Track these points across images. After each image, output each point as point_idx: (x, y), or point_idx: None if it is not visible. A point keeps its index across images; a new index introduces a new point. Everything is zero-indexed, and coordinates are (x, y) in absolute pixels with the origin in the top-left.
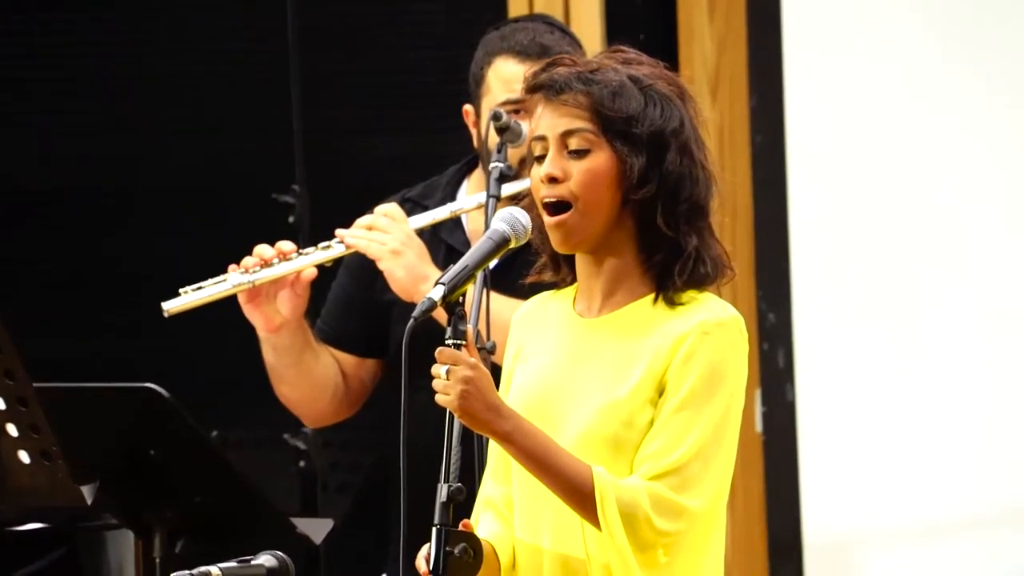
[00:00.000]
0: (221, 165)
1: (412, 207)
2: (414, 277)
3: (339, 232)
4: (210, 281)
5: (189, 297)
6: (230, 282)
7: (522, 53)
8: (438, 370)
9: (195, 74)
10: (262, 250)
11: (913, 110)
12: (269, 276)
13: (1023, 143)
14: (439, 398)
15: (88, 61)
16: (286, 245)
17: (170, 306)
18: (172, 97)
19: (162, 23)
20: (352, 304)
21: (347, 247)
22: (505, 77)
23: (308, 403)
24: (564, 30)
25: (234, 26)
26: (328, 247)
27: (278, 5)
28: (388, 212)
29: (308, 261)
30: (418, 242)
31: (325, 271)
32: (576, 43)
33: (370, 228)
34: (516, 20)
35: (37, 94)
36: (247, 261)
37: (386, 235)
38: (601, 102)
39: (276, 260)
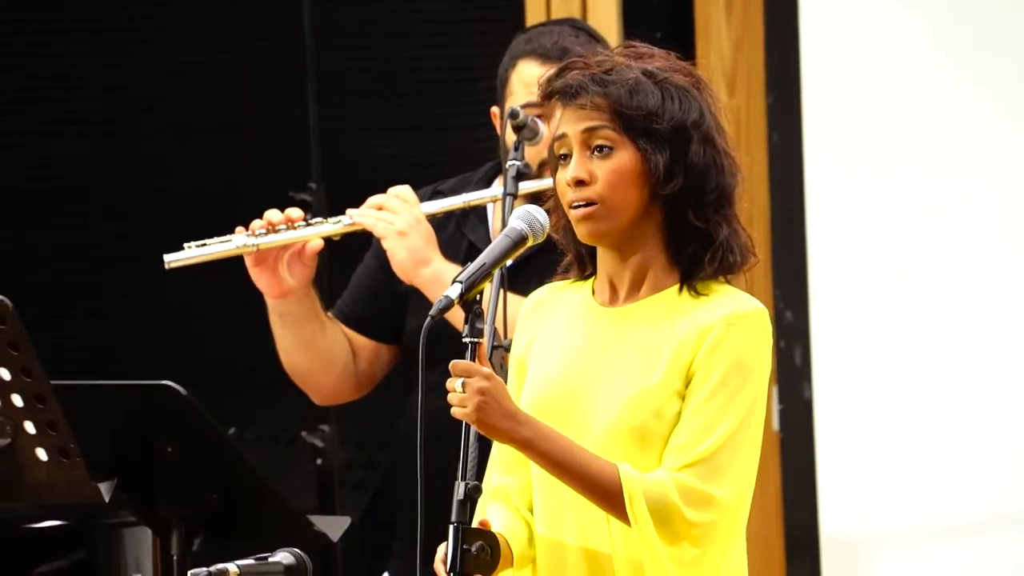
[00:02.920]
0: (237, 163)
1: None
2: (416, 260)
3: (350, 211)
4: (215, 240)
5: (192, 252)
6: (235, 243)
7: (544, 56)
8: (453, 384)
9: (211, 72)
10: (271, 214)
11: (930, 108)
12: (274, 242)
13: None
14: (456, 411)
15: (103, 60)
16: (295, 212)
17: (172, 259)
18: (188, 95)
19: (178, 21)
20: (373, 287)
21: (354, 224)
22: (527, 80)
23: (315, 376)
24: (591, 33)
25: (250, 24)
26: (337, 221)
27: (294, 3)
28: (400, 194)
29: (313, 232)
30: (427, 227)
31: (352, 255)
32: (604, 46)
33: (380, 208)
34: (543, 24)
35: (52, 93)
36: (254, 224)
37: (395, 215)
38: (619, 101)
39: (283, 227)
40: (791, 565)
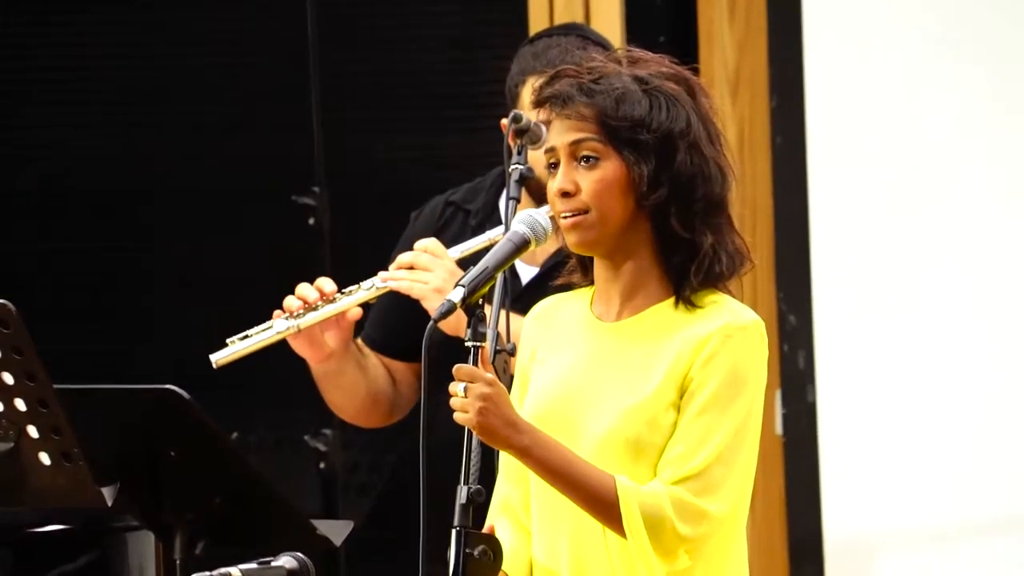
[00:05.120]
0: (240, 167)
1: (455, 211)
2: (459, 314)
3: (381, 274)
4: (256, 329)
5: (237, 347)
6: (275, 329)
7: None
8: (456, 388)
9: (214, 75)
10: (304, 292)
11: (934, 111)
12: (314, 320)
13: None
14: (457, 416)
15: (107, 61)
16: (327, 285)
17: (218, 358)
18: (191, 98)
19: (182, 23)
20: (398, 310)
21: (388, 287)
22: None
23: (361, 414)
24: (599, 42)
25: (254, 27)
26: (371, 287)
27: (298, 6)
28: (429, 248)
29: (351, 301)
30: (460, 275)
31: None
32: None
33: (411, 267)
34: (549, 34)
35: (56, 95)
36: (291, 304)
37: (428, 273)
38: (605, 111)
39: (320, 303)
40: (795, 570)
